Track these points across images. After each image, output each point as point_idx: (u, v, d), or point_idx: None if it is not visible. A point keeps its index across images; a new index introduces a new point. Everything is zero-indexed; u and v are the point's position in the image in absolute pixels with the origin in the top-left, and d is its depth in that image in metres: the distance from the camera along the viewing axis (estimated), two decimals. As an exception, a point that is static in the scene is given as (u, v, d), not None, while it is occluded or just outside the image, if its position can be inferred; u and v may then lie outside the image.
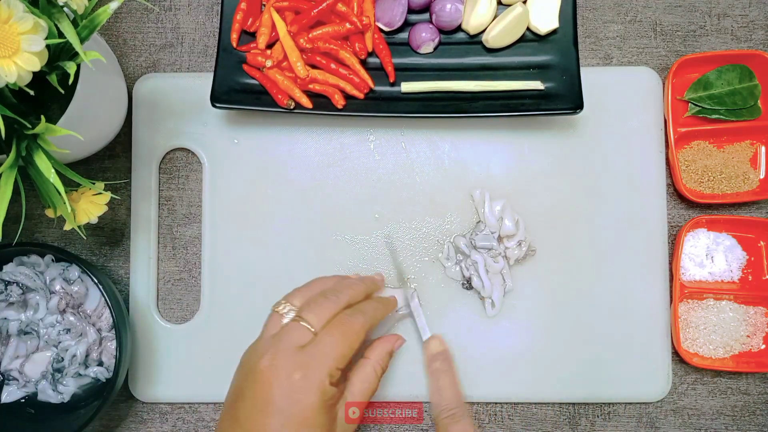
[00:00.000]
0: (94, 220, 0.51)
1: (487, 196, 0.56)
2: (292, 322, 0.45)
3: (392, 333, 0.55)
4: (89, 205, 0.51)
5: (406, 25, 0.57)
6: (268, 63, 0.55)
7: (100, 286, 0.52)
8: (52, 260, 0.55)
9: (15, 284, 0.55)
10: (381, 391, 0.50)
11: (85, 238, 0.55)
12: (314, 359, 0.42)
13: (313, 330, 0.44)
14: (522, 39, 0.57)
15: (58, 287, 0.54)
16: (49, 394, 0.54)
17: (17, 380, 0.54)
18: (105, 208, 0.51)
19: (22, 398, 0.55)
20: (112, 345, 0.54)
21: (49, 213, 0.50)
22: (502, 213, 0.56)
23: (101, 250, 0.59)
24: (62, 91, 0.42)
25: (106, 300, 0.52)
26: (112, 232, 0.59)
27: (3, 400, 0.54)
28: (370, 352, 0.49)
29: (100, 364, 0.55)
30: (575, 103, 0.54)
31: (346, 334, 0.44)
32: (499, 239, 0.56)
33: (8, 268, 0.55)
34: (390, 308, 0.50)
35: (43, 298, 0.54)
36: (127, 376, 0.57)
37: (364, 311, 0.47)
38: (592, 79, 0.57)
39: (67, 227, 0.49)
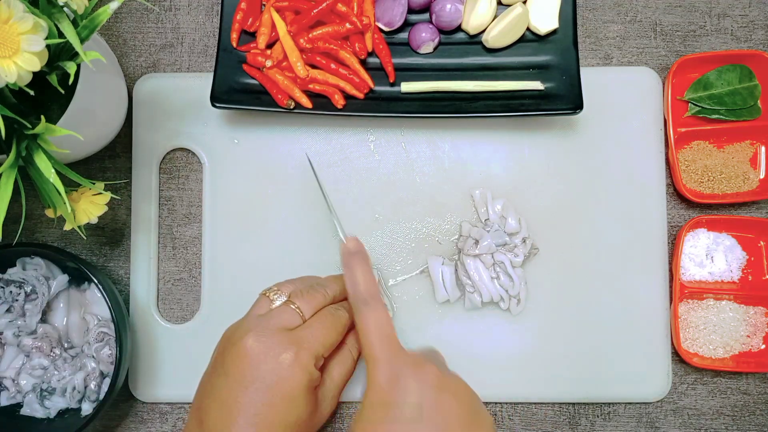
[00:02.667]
0: (94, 220, 0.51)
1: (489, 196, 0.56)
2: (283, 305, 0.46)
3: None
4: (89, 206, 0.51)
5: (406, 25, 0.57)
6: (268, 63, 0.55)
7: (100, 287, 0.52)
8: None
9: (19, 287, 0.54)
10: (347, 391, 0.51)
11: (85, 238, 0.55)
12: (304, 341, 0.43)
13: (301, 315, 0.45)
14: (522, 39, 0.57)
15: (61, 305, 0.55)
16: (34, 408, 0.54)
17: (8, 389, 0.54)
18: (105, 209, 0.51)
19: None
20: (105, 352, 0.54)
21: (49, 213, 0.50)
22: (503, 212, 0.56)
23: (101, 250, 0.59)
24: (62, 91, 0.42)
25: (106, 300, 0.52)
26: (112, 232, 0.59)
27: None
28: (345, 338, 0.50)
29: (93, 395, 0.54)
30: (575, 104, 0.54)
31: (334, 324, 0.46)
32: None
33: (13, 270, 0.55)
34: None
35: (45, 299, 0.54)
36: (127, 376, 0.57)
37: (347, 308, 0.48)
38: (592, 79, 0.57)
39: (67, 227, 0.49)
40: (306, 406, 0.43)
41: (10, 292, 0.54)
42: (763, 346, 0.57)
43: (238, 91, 0.55)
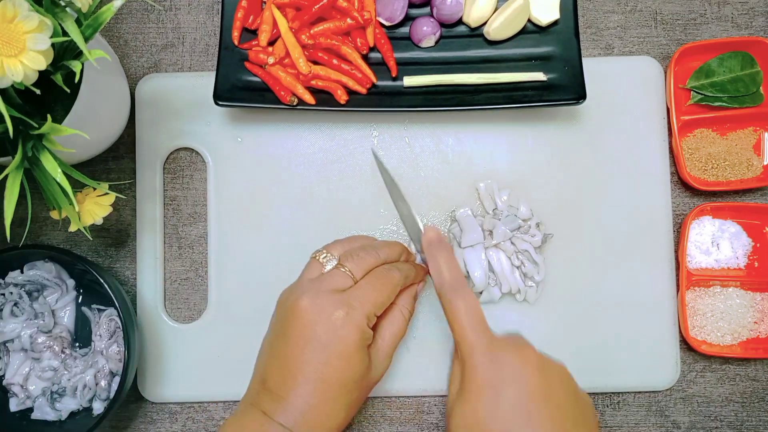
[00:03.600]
0: (99, 221, 0.51)
1: (495, 186, 0.56)
2: (334, 269, 0.47)
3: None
4: (94, 207, 0.51)
5: (407, 19, 0.57)
6: (270, 60, 0.55)
7: (108, 287, 0.52)
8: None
9: (21, 288, 0.55)
10: (378, 386, 0.51)
11: (90, 239, 0.55)
12: (355, 301, 0.44)
13: (352, 277, 0.46)
14: (523, 31, 0.57)
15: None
16: (45, 411, 0.54)
17: (17, 395, 0.54)
18: (110, 209, 0.51)
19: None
20: (113, 349, 0.54)
21: (54, 215, 0.49)
22: (509, 201, 0.56)
23: (107, 251, 0.59)
24: (68, 91, 0.42)
25: (114, 301, 0.52)
26: (117, 233, 0.59)
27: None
28: (396, 299, 0.50)
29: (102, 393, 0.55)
30: (578, 94, 0.54)
31: (384, 285, 0.46)
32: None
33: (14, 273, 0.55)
34: (422, 274, 0.51)
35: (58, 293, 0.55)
36: (135, 376, 0.57)
37: (399, 269, 0.48)
38: (594, 69, 0.57)
39: (72, 228, 0.49)
40: (360, 364, 0.44)
41: (11, 293, 0.54)
42: (771, 332, 0.57)
43: (241, 89, 0.55)
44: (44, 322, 0.54)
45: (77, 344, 0.56)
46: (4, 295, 0.54)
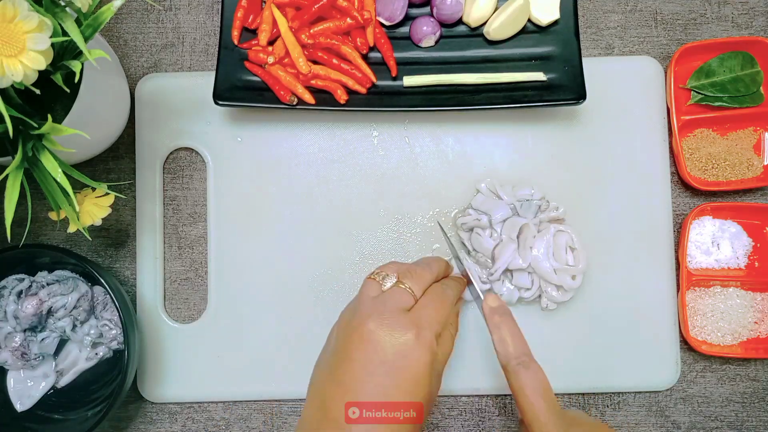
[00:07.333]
0: (98, 222, 0.51)
1: (497, 183, 0.56)
2: (394, 286, 0.45)
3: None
4: (93, 207, 0.51)
5: (407, 19, 0.57)
6: (270, 59, 0.55)
7: (108, 287, 0.52)
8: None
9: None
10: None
11: (90, 239, 0.55)
12: (423, 320, 0.43)
13: (413, 295, 0.45)
14: (523, 31, 0.57)
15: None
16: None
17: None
18: (109, 211, 0.51)
19: (48, 390, 0.56)
20: (111, 333, 0.55)
21: (53, 216, 0.49)
22: (515, 193, 0.56)
23: (107, 251, 0.59)
24: (68, 91, 0.42)
25: (114, 301, 0.52)
26: (117, 233, 0.59)
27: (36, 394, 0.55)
28: None
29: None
30: (578, 94, 0.54)
31: (444, 303, 0.45)
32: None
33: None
34: (464, 286, 0.51)
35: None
36: (135, 376, 0.57)
37: (452, 287, 0.48)
38: (594, 69, 0.57)
39: (71, 229, 0.49)
40: (430, 385, 0.43)
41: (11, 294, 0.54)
42: (771, 332, 0.57)
43: (241, 89, 0.55)
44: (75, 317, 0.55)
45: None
46: (3, 295, 0.54)
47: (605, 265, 0.57)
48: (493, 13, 0.56)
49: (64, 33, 0.39)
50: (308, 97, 0.54)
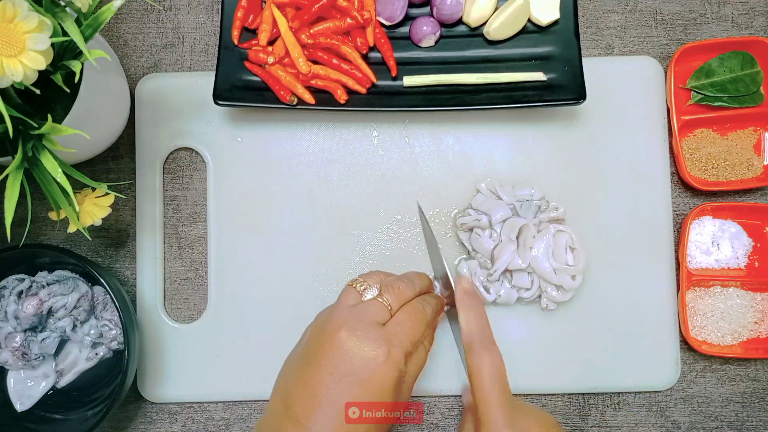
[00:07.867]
0: (98, 222, 0.51)
1: (497, 183, 0.56)
2: (374, 299, 0.46)
3: None
4: (93, 208, 0.51)
5: (407, 19, 0.57)
6: (270, 59, 0.55)
7: (108, 287, 0.52)
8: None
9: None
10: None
11: (90, 239, 0.55)
12: (395, 338, 0.44)
13: (390, 310, 0.46)
14: (523, 31, 0.57)
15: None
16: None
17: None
18: (108, 211, 0.51)
19: (49, 390, 0.56)
20: (110, 333, 0.55)
21: (53, 216, 0.49)
22: (514, 193, 0.56)
23: (107, 251, 0.59)
24: (68, 91, 0.42)
25: (114, 301, 0.52)
26: (117, 233, 0.59)
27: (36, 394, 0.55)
28: None
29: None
30: (578, 94, 0.54)
31: (420, 321, 0.46)
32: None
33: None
34: (443, 304, 0.52)
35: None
36: (135, 376, 0.57)
37: (431, 304, 0.48)
38: (594, 69, 0.57)
39: (71, 229, 0.49)
40: (395, 398, 0.44)
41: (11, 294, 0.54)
42: (771, 332, 0.57)
43: (241, 89, 0.55)
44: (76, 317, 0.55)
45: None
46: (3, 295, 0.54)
47: (605, 265, 0.57)
48: (493, 13, 0.56)
49: (64, 33, 0.39)
50: (308, 97, 0.54)
